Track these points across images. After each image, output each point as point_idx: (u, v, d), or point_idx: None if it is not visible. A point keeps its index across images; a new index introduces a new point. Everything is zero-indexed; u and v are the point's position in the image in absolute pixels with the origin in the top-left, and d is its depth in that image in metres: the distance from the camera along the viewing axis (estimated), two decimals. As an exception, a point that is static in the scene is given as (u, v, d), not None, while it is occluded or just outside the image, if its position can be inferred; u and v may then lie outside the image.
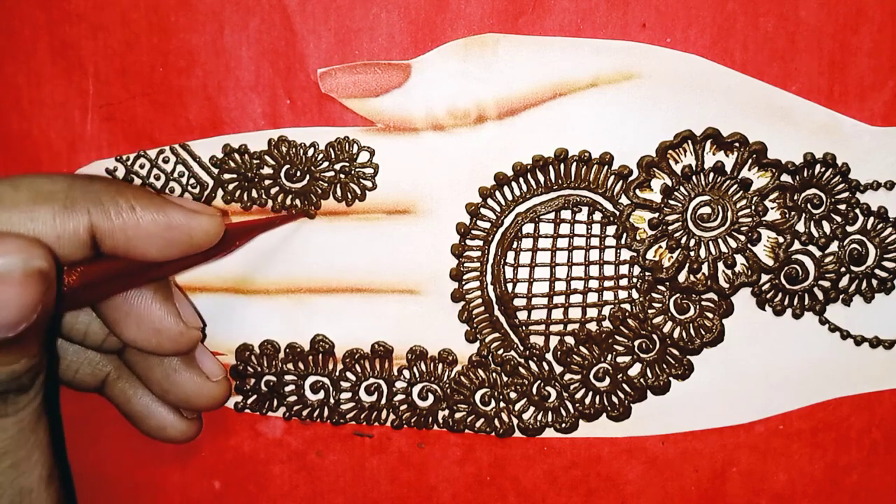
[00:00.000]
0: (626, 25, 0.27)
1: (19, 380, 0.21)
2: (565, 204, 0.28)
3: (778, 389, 0.29)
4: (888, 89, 0.28)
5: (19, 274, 0.19)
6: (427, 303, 0.29)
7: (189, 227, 0.24)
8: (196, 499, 0.30)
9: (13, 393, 0.21)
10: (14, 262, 0.19)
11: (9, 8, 0.28)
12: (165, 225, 0.23)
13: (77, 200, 0.22)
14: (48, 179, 0.22)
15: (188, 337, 0.26)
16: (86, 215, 0.22)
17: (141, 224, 0.23)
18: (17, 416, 0.21)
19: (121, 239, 0.23)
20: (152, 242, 0.23)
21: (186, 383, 0.27)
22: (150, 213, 0.23)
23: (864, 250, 0.28)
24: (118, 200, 0.23)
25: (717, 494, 0.30)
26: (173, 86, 0.28)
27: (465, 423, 0.29)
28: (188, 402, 0.27)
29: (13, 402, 0.21)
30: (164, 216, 0.23)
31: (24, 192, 0.21)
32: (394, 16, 0.28)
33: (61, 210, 0.22)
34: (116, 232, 0.22)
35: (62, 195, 0.22)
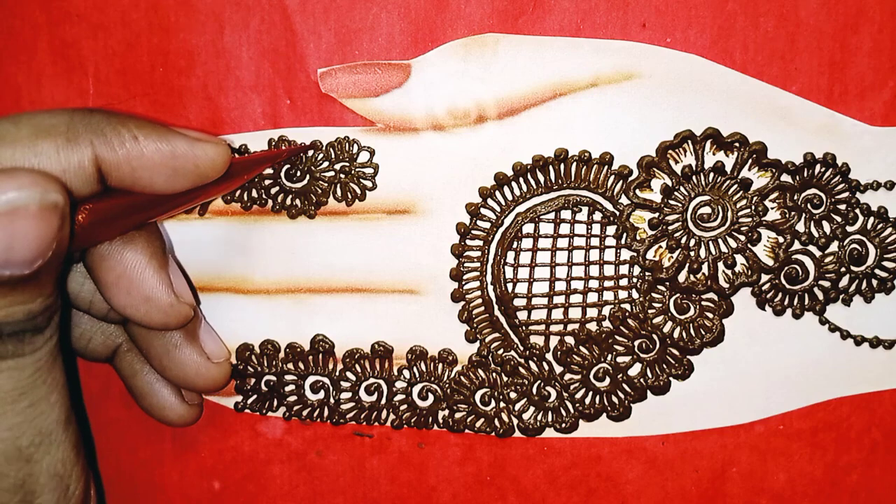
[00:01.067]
0: (626, 25, 0.27)
1: (35, 319, 0.21)
2: (565, 204, 0.28)
3: (778, 389, 0.29)
4: (888, 89, 0.28)
5: (35, 207, 0.19)
6: (427, 303, 0.29)
7: (194, 155, 0.23)
8: (196, 499, 0.30)
9: (30, 333, 0.21)
10: (30, 195, 0.19)
11: (9, 8, 0.28)
12: (170, 154, 0.23)
13: (80, 133, 0.22)
14: (48, 114, 0.22)
15: (178, 310, 0.25)
16: (89, 147, 0.22)
17: (145, 154, 0.22)
18: (34, 356, 0.21)
19: (126, 170, 0.22)
20: (158, 172, 0.23)
21: (186, 361, 0.27)
22: (153, 143, 0.23)
23: (864, 250, 0.28)
24: (121, 131, 0.22)
25: (717, 494, 0.30)
26: (173, 86, 0.28)
27: (465, 423, 0.29)
28: (186, 380, 0.27)
29: (30, 342, 0.21)
30: (168, 145, 0.23)
31: (25, 127, 0.21)
32: (394, 16, 0.28)
33: (64, 143, 0.21)
34: (121, 163, 0.22)
35: (64, 128, 0.22)
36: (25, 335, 0.21)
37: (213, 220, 0.29)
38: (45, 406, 0.22)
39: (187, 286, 0.26)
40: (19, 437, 0.21)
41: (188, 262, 0.29)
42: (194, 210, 0.29)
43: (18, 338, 0.21)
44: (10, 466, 0.21)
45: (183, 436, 0.30)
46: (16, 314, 0.20)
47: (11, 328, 0.20)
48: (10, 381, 0.21)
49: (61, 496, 0.22)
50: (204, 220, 0.29)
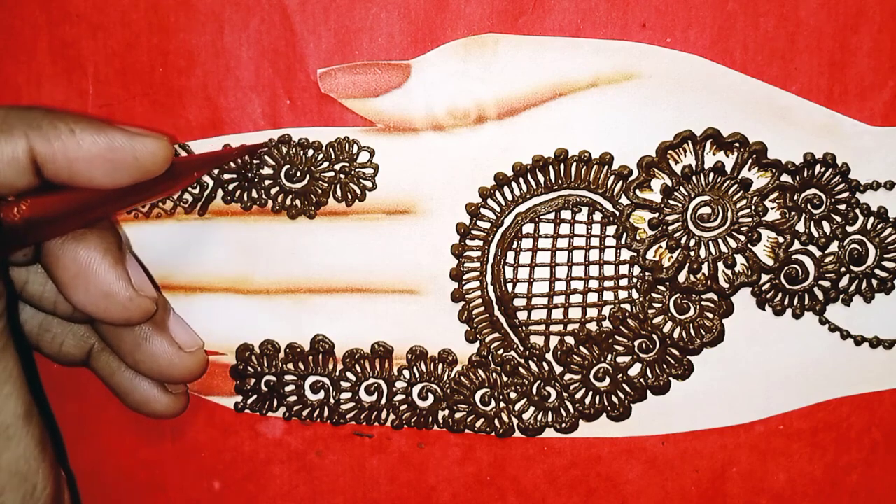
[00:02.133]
0: (626, 25, 0.27)
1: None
2: (565, 204, 0.28)
3: (778, 389, 0.29)
4: (888, 89, 0.28)
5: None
6: (427, 303, 0.29)
7: (133, 148, 0.23)
8: (196, 499, 0.30)
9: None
10: None
11: (9, 8, 0.28)
12: (107, 146, 0.22)
13: (14, 125, 0.21)
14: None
15: (138, 304, 0.25)
16: (23, 139, 0.21)
17: (82, 146, 0.22)
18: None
19: (62, 163, 0.22)
20: (96, 166, 0.22)
21: (157, 353, 0.26)
22: (90, 135, 0.22)
23: (864, 250, 0.28)
24: (56, 124, 0.22)
25: (717, 494, 0.30)
26: (173, 86, 0.28)
27: (465, 423, 0.29)
28: (161, 373, 0.27)
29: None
30: (105, 138, 0.22)
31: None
32: (394, 16, 0.28)
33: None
34: (57, 155, 0.22)
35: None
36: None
37: (213, 220, 0.29)
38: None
39: (147, 280, 0.26)
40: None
41: (188, 263, 0.29)
42: (194, 210, 0.29)
43: None
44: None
45: (183, 436, 0.30)
46: None
47: None
48: None
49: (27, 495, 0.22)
50: (204, 220, 0.29)
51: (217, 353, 0.29)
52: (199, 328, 0.29)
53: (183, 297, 0.29)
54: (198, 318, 0.29)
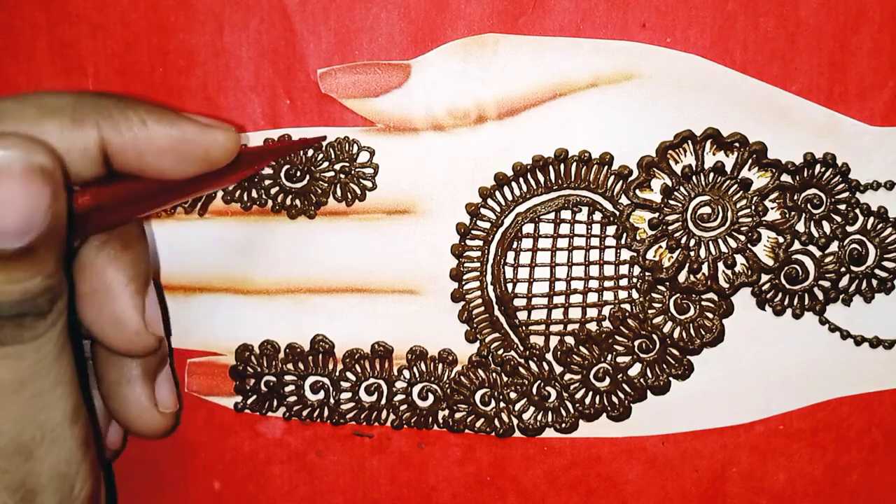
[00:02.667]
0: (626, 25, 0.27)
1: (35, 301, 0.19)
2: (565, 204, 0.28)
3: (778, 389, 0.29)
4: (888, 89, 0.28)
5: (19, 169, 0.18)
6: (427, 303, 0.29)
7: (204, 140, 0.23)
8: (196, 499, 0.30)
9: (30, 317, 0.20)
10: (12, 156, 0.18)
11: (9, 8, 0.28)
12: (179, 139, 0.22)
13: (86, 114, 0.21)
14: (55, 95, 0.21)
15: (142, 340, 0.24)
16: (95, 129, 0.21)
17: (153, 138, 0.22)
18: (34, 343, 0.20)
19: (133, 154, 0.22)
20: (166, 158, 0.22)
21: (132, 400, 0.25)
22: (162, 127, 0.22)
23: (864, 250, 0.28)
24: (129, 114, 0.21)
25: (717, 494, 0.30)
26: (173, 86, 0.28)
27: (465, 423, 0.29)
28: (124, 419, 0.26)
29: (30, 328, 0.20)
30: (177, 130, 0.22)
31: (30, 107, 0.20)
32: (394, 16, 0.28)
33: (69, 124, 0.21)
34: (128, 147, 0.21)
35: (70, 109, 0.21)
36: (25, 319, 0.19)
37: (213, 220, 0.29)
38: (49, 399, 0.21)
39: (160, 319, 0.25)
40: (21, 433, 0.20)
41: (188, 263, 0.29)
42: (194, 210, 0.29)
43: (17, 322, 0.19)
44: (10, 463, 0.20)
45: (183, 436, 0.30)
46: (12, 293, 0.19)
47: (9, 309, 0.19)
48: (10, 371, 0.20)
49: (65, 496, 0.21)
50: (204, 220, 0.29)
51: (217, 353, 0.29)
52: (199, 328, 0.29)
53: (183, 297, 0.29)
54: (198, 318, 0.29)
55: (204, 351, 0.29)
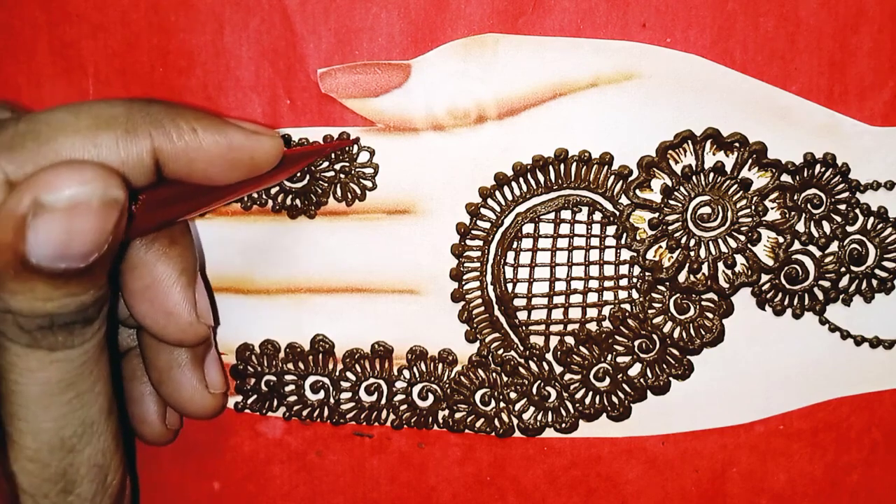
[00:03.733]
0: (626, 25, 0.27)
1: (86, 311, 0.21)
2: (565, 204, 0.28)
3: (778, 389, 0.29)
4: (888, 89, 0.28)
5: (97, 203, 0.19)
6: (427, 303, 0.29)
7: (251, 147, 0.23)
8: (196, 499, 0.30)
9: (80, 324, 0.21)
10: (92, 190, 0.19)
11: (9, 8, 0.28)
12: (227, 146, 0.23)
13: (139, 124, 0.21)
14: (107, 104, 0.22)
15: (195, 330, 0.25)
16: (148, 139, 0.22)
17: (203, 146, 0.22)
18: (82, 347, 0.21)
19: (183, 162, 0.22)
20: (215, 164, 0.23)
21: (185, 383, 0.27)
22: (211, 135, 0.23)
23: (864, 250, 0.28)
24: (179, 123, 0.22)
25: (717, 494, 0.30)
26: (173, 86, 0.28)
27: (465, 423, 0.29)
28: (178, 402, 0.27)
29: (80, 334, 0.21)
30: (225, 138, 0.23)
31: (85, 117, 0.21)
32: (394, 16, 0.28)
33: (123, 135, 0.21)
34: (179, 155, 0.22)
35: (123, 119, 0.21)
36: (76, 327, 0.21)
37: (214, 220, 0.29)
38: (89, 397, 0.22)
39: (209, 307, 0.26)
40: (63, 428, 0.21)
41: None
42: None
43: (69, 329, 0.21)
44: (53, 456, 0.22)
45: (183, 436, 0.30)
46: (68, 306, 0.20)
47: (63, 319, 0.20)
48: (59, 373, 0.21)
49: (99, 486, 0.23)
50: (204, 220, 0.29)
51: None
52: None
53: (183, 297, 0.29)
54: (198, 318, 0.29)
55: (204, 351, 0.29)
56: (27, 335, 0.20)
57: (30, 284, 0.20)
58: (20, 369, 0.21)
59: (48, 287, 0.20)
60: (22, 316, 0.20)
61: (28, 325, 0.20)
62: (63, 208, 0.19)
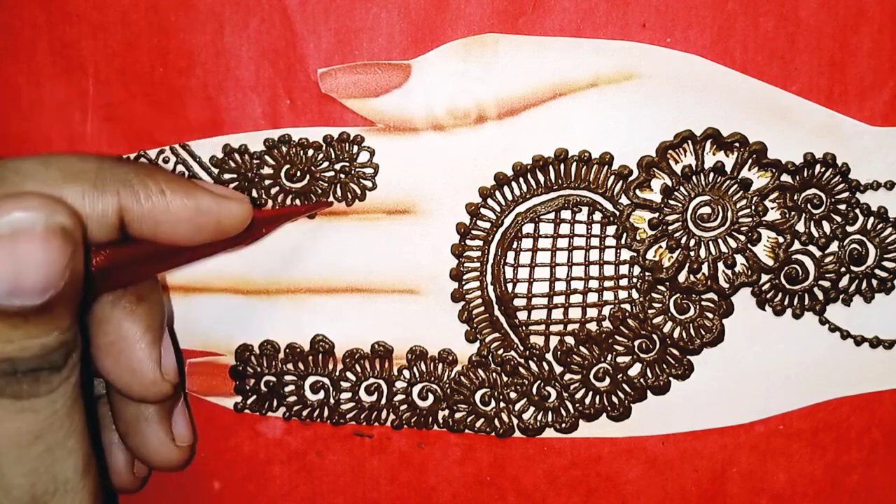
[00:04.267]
0: (626, 25, 0.27)
1: (51, 356, 0.20)
2: (565, 204, 0.28)
3: (778, 389, 0.29)
4: (888, 89, 0.28)
5: (41, 229, 0.19)
6: (427, 303, 0.29)
7: (219, 212, 0.23)
8: (196, 499, 0.30)
9: (46, 371, 0.20)
10: (35, 216, 0.19)
11: (9, 8, 0.28)
12: (194, 210, 0.23)
13: (107, 181, 0.22)
14: (79, 159, 0.22)
15: (159, 388, 0.25)
16: (115, 196, 0.22)
17: (170, 208, 0.22)
18: (49, 397, 0.20)
19: (149, 223, 0.22)
20: (181, 227, 0.23)
21: (151, 437, 0.26)
22: (179, 198, 0.23)
23: (864, 250, 0.28)
24: (148, 183, 0.22)
25: (717, 494, 0.30)
26: (173, 86, 0.28)
27: (465, 423, 0.29)
28: (143, 455, 0.26)
29: (45, 382, 0.20)
30: (193, 201, 0.23)
31: (55, 169, 0.21)
32: (394, 16, 0.28)
33: (90, 189, 0.21)
34: (145, 215, 0.22)
35: (92, 174, 0.21)
36: (42, 373, 0.20)
37: (213, 220, 0.29)
38: (61, 452, 0.21)
39: (175, 364, 0.26)
40: (35, 485, 0.21)
41: (188, 262, 0.29)
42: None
43: (34, 376, 0.20)
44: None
45: (183, 436, 0.30)
46: (30, 348, 0.19)
47: (27, 364, 0.20)
48: (26, 424, 0.20)
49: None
50: (204, 220, 0.29)
51: (217, 354, 0.29)
52: (199, 328, 0.29)
53: (183, 297, 0.29)
54: (198, 318, 0.29)
55: (204, 351, 0.29)
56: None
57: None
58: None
59: (6, 328, 0.19)
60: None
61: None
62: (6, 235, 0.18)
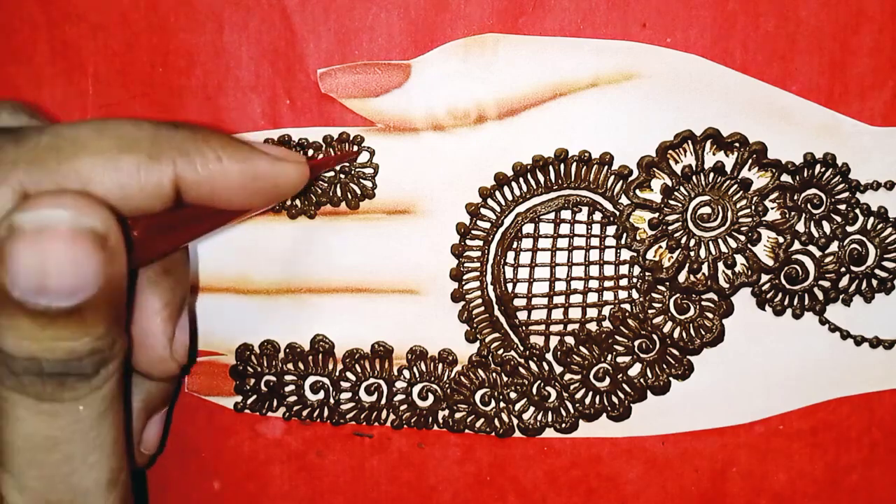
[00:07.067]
0: (626, 25, 0.27)
1: (79, 363, 0.19)
2: (565, 204, 0.28)
3: (778, 389, 0.29)
4: (888, 89, 0.28)
5: (65, 228, 0.18)
6: (427, 303, 0.29)
7: (276, 176, 0.23)
8: (196, 499, 0.30)
9: (73, 377, 0.19)
10: (62, 215, 0.18)
11: (9, 8, 0.28)
12: (252, 176, 0.22)
13: (163, 150, 0.20)
14: (133, 125, 0.21)
15: (165, 366, 0.24)
16: (171, 166, 0.21)
17: (227, 176, 0.22)
18: (73, 404, 0.19)
19: (205, 191, 0.21)
20: (237, 193, 0.22)
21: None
22: (236, 164, 0.22)
23: (864, 250, 0.28)
24: (204, 150, 0.21)
25: (717, 494, 0.30)
26: (173, 86, 0.28)
27: (465, 423, 0.29)
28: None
29: (71, 388, 0.19)
30: (250, 166, 0.22)
31: (109, 138, 0.20)
32: (394, 16, 0.28)
33: (146, 161, 0.20)
34: (202, 184, 0.21)
35: (147, 143, 0.20)
36: (68, 378, 0.19)
37: (213, 220, 0.29)
38: (80, 464, 0.20)
39: (186, 346, 0.25)
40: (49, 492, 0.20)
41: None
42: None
43: (60, 380, 0.19)
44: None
45: (183, 436, 0.30)
46: (56, 350, 0.19)
47: (53, 367, 0.19)
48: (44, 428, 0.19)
49: None
50: (204, 220, 0.29)
51: (217, 353, 0.29)
52: (199, 328, 0.29)
53: (183, 297, 0.29)
54: (198, 317, 0.29)
55: (204, 351, 0.29)
56: (13, 377, 0.19)
57: (15, 320, 0.18)
58: (7, 414, 0.19)
59: (33, 326, 0.18)
60: (9, 356, 0.19)
61: (15, 366, 0.19)
62: (30, 231, 0.18)
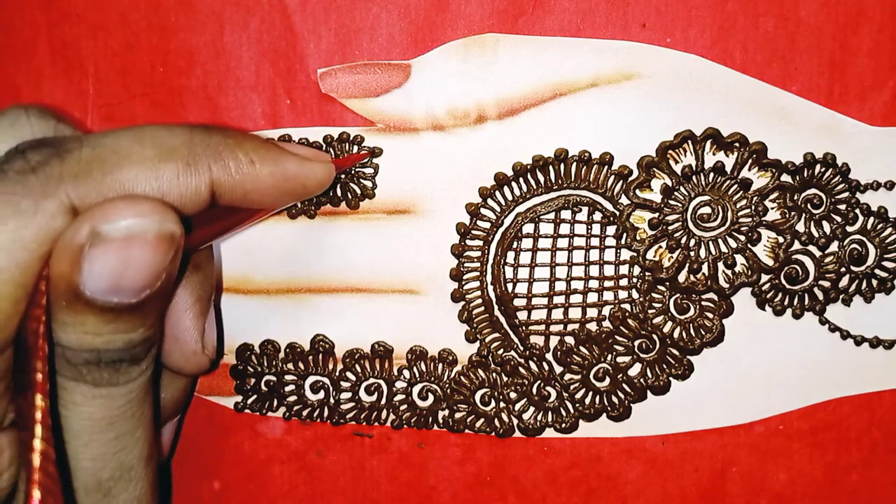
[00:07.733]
0: (626, 25, 0.27)
1: (134, 350, 0.21)
2: (565, 204, 0.28)
3: (778, 389, 0.29)
4: (888, 89, 0.28)
5: (153, 236, 0.19)
6: (427, 303, 0.29)
7: (304, 176, 0.24)
8: (196, 499, 0.30)
9: (126, 363, 0.21)
10: (149, 223, 0.19)
11: (9, 8, 0.28)
12: (282, 177, 0.23)
13: (199, 157, 0.22)
14: (169, 132, 0.22)
15: (198, 360, 0.25)
16: (207, 172, 0.22)
17: (259, 178, 0.23)
18: (126, 387, 0.21)
19: (239, 193, 0.22)
20: (268, 194, 0.23)
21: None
22: (268, 167, 0.23)
23: (864, 250, 0.28)
24: (237, 154, 0.22)
25: (717, 494, 0.30)
26: (173, 86, 0.28)
27: (465, 423, 0.29)
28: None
29: (125, 373, 0.21)
30: (281, 168, 0.23)
31: (149, 147, 0.21)
32: (394, 16, 0.28)
33: (184, 168, 0.21)
34: (235, 187, 0.22)
35: (185, 151, 0.21)
36: (122, 365, 0.21)
37: (213, 220, 0.29)
38: (129, 440, 0.22)
39: (215, 340, 0.26)
40: (101, 469, 0.21)
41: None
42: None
43: (115, 367, 0.21)
44: (89, 498, 0.21)
45: (183, 436, 0.30)
46: (116, 342, 0.20)
47: (110, 356, 0.20)
48: (101, 410, 0.21)
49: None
50: (204, 220, 0.29)
51: (217, 353, 0.30)
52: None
53: (183, 297, 0.29)
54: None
55: (204, 351, 0.29)
56: (73, 368, 0.20)
57: (81, 317, 0.20)
58: (64, 402, 0.21)
59: (98, 321, 0.20)
60: (70, 349, 0.20)
61: (75, 358, 0.20)
62: (120, 238, 0.19)
